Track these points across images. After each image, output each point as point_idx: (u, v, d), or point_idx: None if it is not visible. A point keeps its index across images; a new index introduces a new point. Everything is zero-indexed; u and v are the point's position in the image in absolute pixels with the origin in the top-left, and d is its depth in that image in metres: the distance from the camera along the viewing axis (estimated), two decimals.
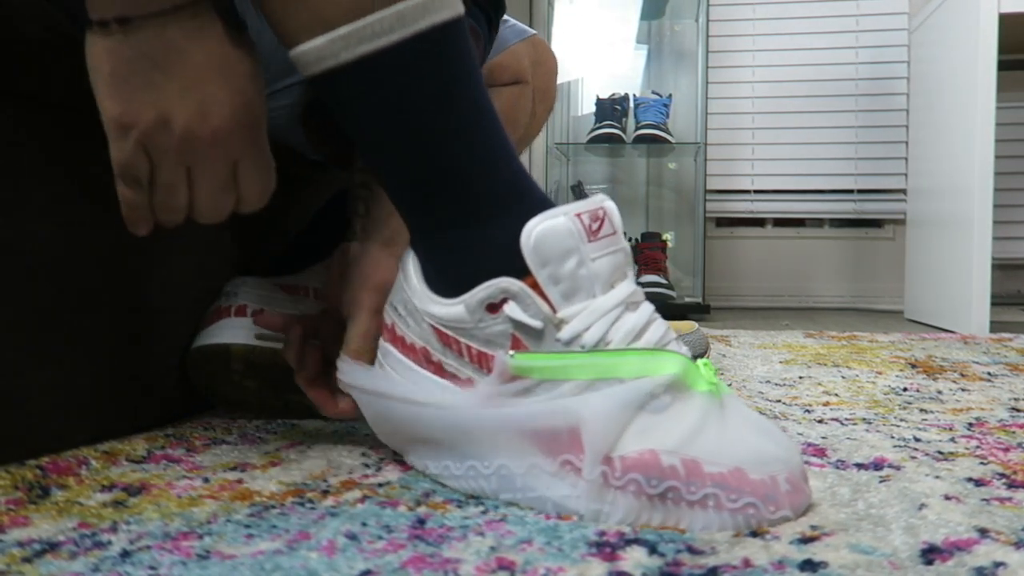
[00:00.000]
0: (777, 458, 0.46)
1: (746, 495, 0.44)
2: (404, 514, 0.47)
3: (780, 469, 0.45)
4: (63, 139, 0.61)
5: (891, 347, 1.41)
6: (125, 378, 0.67)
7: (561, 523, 0.45)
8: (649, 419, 0.46)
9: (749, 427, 0.48)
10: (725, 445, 0.45)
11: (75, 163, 0.62)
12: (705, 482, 0.44)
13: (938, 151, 2.07)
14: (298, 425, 0.73)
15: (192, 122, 0.46)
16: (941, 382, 1.00)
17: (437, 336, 0.52)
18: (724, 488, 0.44)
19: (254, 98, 0.49)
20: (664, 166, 2.70)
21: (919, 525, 0.45)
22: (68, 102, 0.60)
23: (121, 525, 0.45)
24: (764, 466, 0.45)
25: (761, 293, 2.67)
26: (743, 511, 0.44)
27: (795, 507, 0.45)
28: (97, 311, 0.64)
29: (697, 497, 0.44)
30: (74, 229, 0.62)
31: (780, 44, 2.65)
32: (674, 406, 0.46)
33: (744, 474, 0.44)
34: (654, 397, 0.46)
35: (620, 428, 0.45)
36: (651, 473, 0.44)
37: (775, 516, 0.44)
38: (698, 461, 0.44)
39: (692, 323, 1.13)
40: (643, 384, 0.46)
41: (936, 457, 0.61)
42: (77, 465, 0.57)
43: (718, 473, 0.44)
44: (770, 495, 0.44)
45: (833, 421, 0.75)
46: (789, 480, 0.45)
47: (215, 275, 0.78)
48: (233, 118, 0.47)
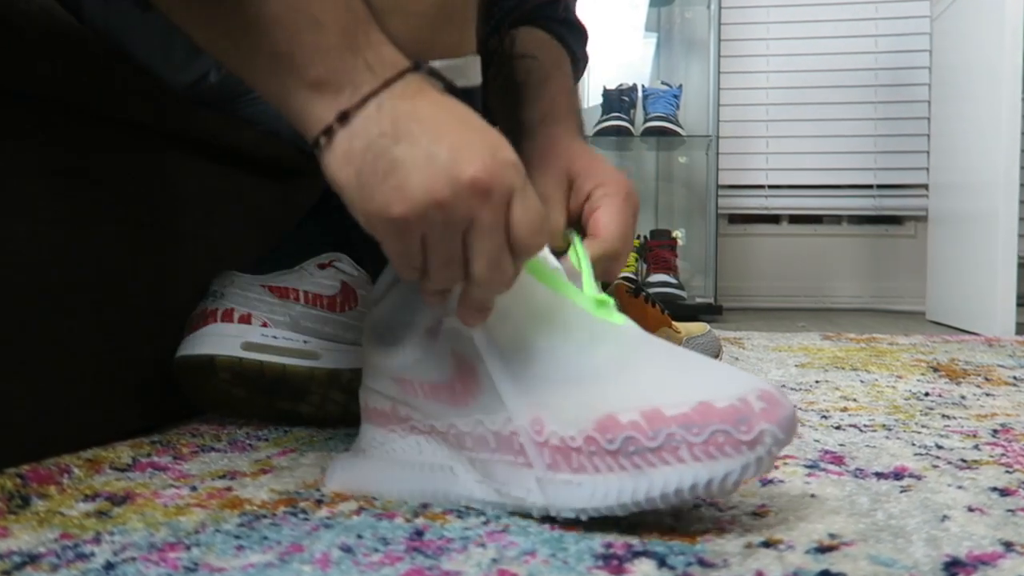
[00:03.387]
0: (744, 381, 0.44)
1: (712, 424, 0.42)
2: (401, 525, 0.47)
3: (748, 390, 0.44)
4: (39, 134, 0.61)
5: (912, 350, 1.41)
6: (109, 382, 0.67)
7: (566, 534, 0.45)
8: (597, 389, 0.46)
9: (699, 362, 0.48)
10: (683, 383, 0.45)
11: (53, 159, 0.62)
12: (668, 425, 0.43)
13: (961, 144, 2.06)
14: (290, 431, 0.73)
15: (452, 174, 0.43)
16: (964, 387, 1.00)
17: (399, 386, 0.54)
18: (688, 427, 0.43)
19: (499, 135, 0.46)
20: (674, 160, 2.70)
21: (941, 537, 0.45)
22: (49, 96, 0.60)
23: (105, 536, 0.45)
24: (731, 391, 0.43)
25: (776, 293, 2.67)
26: (713, 442, 0.42)
27: (776, 421, 0.43)
28: (79, 311, 0.64)
29: (659, 443, 0.43)
30: (54, 227, 0.62)
31: (796, 32, 2.65)
32: (621, 373, 0.47)
33: (710, 406, 0.43)
34: (595, 368, 0.47)
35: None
36: (611, 432, 0.44)
37: (751, 436, 0.42)
38: (658, 407, 0.44)
39: (703, 325, 1.13)
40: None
41: (959, 465, 0.61)
42: (59, 473, 0.57)
43: (680, 414, 0.43)
44: (741, 417, 0.42)
45: (851, 428, 0.75)
46: (763, 396, 0.43)
47: (203, 273, 0.78)
48: (493, 153, 0.44)
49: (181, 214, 0.77)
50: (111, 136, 0.68)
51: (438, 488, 0.52)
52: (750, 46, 2.66)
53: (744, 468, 0.42)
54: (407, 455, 0.54)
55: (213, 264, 0.79)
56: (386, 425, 0.56)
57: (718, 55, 2.46)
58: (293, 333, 0.74)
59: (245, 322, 0.73)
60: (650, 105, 2.43)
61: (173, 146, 0.76)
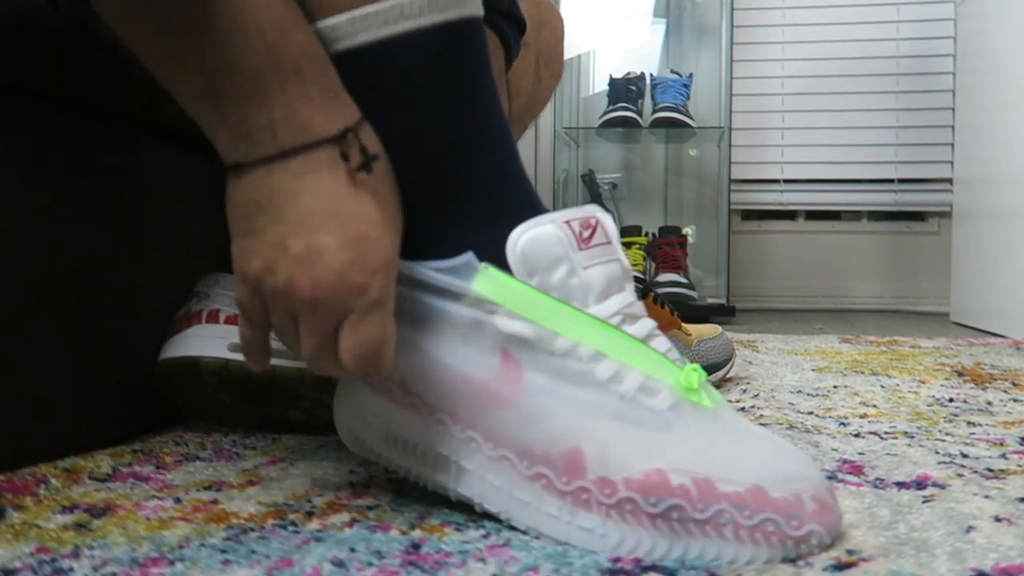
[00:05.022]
0: (800, 475, 0.46)
1: (764, 511, 0.43)
2: (397, 538, 0.47)
3: (804, 487, 0.45)
4: (9, 124, 0.61)
5: (936, 353, 1.41)
6: (87, 387, 0.67)
7: (571, 548, 0.45)
8: (653, 437, 0.46)
9: (764, 443, 0.48)
10: (742, 461, 0.45)
11: (26, 151, 0.62)
12: (719, 501, 0.44)
13: (988, 136, 2.06)
14: (279, 440, 0.73)
15: (293, 272, 0.46)
16: (991, 392, 1.00)
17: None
18: (740, 508, 0.43)
19: (375, 249, 0.47)
20: (684, 153, 2.70)
21: (967, 550, 0.45)
22: (20, 85, 0.60)
23: (84, 550, 0.45)
24: (786, 483, 0.45)
25: (792, 293, 2.67)
26: (761, 529, 0.43)
27: (826, 524, 0.45)
28: (56, 313, 0.64)
29: (706, 516, 0.43)
30: (28, 222, 0.62)
31: (813, 18, 2.65)
32: (679, 424, 0.47)
33: (764, 492, 0.44)
34: (653, 413, 0.47)
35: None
36: (656, 494, 0.44)
37: (800, 533, 0.44)
38: (711, 480, 0.44)
39: (715, 327, 1.13)
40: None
41: (985, 475, 0.61)
42: (35, 484, 0.57)
43: (734, 492, 0.44)
44: (794, 513, 0.44)
45: (871, 435, 0.75)
46: (816, 498, 0.45)
47: (188, 274, 0.78)
48: (340, 270, 0.46)
49: (163, 209, 0.77)
50: (87, 127, 0.68)
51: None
52: (765, 32, 2.66)
53: (784, 558, 0.43)
54: (408, 435, 0.52)
55: (197, 263, 0.79)
56: (385, 395, 0.53)
57: (731, 42, 2.46)
58: None
59: (232, 323, 0.73)
60: (659, 95, 2.42)
61: (152, 137, 0.76)
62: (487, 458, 0.49)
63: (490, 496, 0.49)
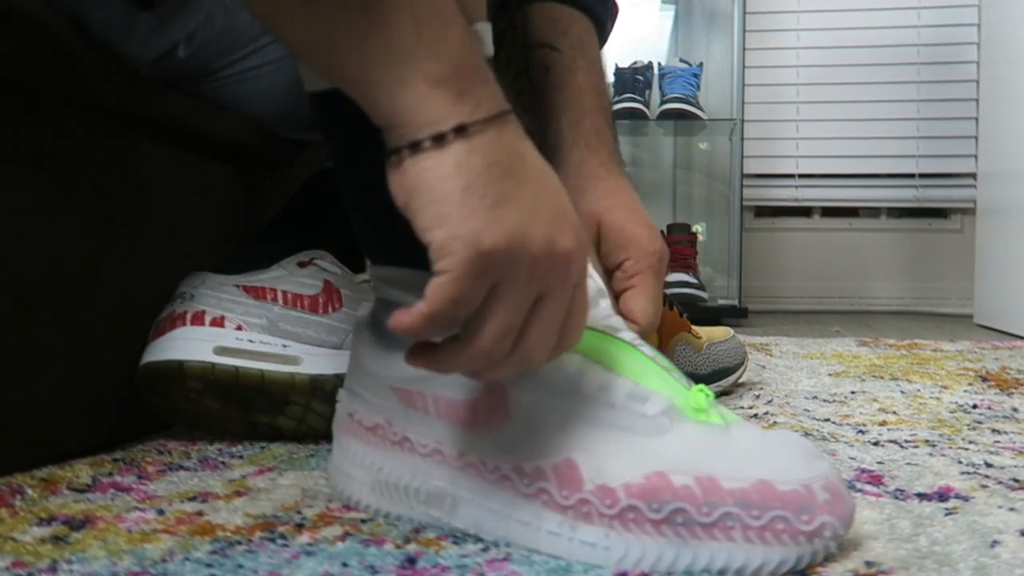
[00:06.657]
0: (810, 466, 0.45)
1: (773, 508, 0.43)
2: (391, 552, 0.47)
3: (814, 477, 0.45)
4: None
5: (958, 357, 1.41)
6: (66, 392, 0.67)
7: (574, 563, 0.45)
8: (648, 442, 0.46)
9: (770, 439, 0.48)
10: (745, 457, 0.45)
11: (5, 144, 0.62)
12: (725, 500, 0.44)
13: (1013, 129, 2.06)
14: (267, 448, 0.73)
15: (550, 232, 0.43)
16: (1017, 398, 1.00)
17: (400, 398, 0.53)
18: (746, 505, 0.43)
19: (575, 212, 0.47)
20: (694, 146, 2.70)
21: (991, 565, 0.45)
22: (10, 84, 0.60)
23: (62, 564, 0.46)
24: (794, 474, 0.44)
25: (807, 294, 2.67)
26: (770, 528, 0.43)
27: (838, 516, 0.44)
28: (33, 314, 0.64)
29: (712, 519, 0.43)
30: (5, 218, 0.62)
31: (829, 4, 2.64)
32: (674, 428, 0.47)
33: (771, 486, 0.44)
34: (647, 418, 0.47)
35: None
36: (659, 498, 0.44)
37: (811, 527, 0.43)
38: (715, 477, 0.44)
39: (727, 329, 1.13)
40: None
41: (1011, 486, 0.61)
42: (11, 495, 0.57)
43: (739, 488, 0.44)
44: (804, 506, 0.43)
45: (891, 443, 0.75)
46: (827, 487, 0.45)
47: (171, 272, 0.78)
48: (580, 227, 0.45)
49: (146, 206, 0.77)
50: (70, 120, 0.68)
51: (432, 519, 0.51)
52: (779, 19, 2.66)
53: (799, 559, 0.43)
54: (399, 478, 0.53)
55: (181, 262, 0.79)
56: (373, 443, 0.55)
57: (743, 29, 2.46)
58: (271, 337, 0.74)
59: (218, 325, 0.73)
60: (667, 85, 2.42)
61: (138, 132, 0.76)
62: (487, 482, 0.49)
63: (487, 523, 0.49)
